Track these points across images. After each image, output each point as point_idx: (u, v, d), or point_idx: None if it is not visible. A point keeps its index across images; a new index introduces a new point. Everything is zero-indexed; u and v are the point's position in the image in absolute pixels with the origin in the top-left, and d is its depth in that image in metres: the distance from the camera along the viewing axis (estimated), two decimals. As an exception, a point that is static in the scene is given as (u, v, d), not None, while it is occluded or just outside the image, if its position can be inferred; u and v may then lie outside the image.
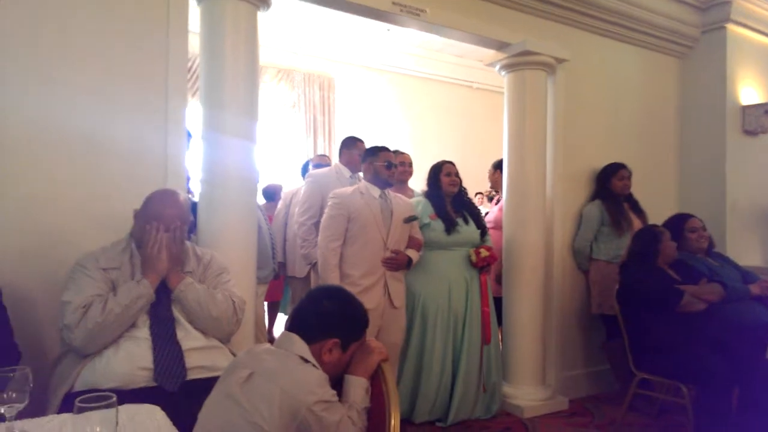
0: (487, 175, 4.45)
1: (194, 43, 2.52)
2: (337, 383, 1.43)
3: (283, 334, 1.47)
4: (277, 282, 4.43)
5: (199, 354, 1.82)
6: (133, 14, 2.33)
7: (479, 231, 3.19)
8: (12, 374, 1.24)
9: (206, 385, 1.69)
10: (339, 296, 1.51)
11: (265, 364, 1.34)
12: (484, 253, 3.08)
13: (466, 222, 3.15)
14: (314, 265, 3.33)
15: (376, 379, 1.46)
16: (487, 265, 3.13)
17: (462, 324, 3.05)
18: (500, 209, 4.05)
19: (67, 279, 1.82)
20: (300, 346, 1.40)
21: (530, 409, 3.32)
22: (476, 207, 3.38)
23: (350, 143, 3.59)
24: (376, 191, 2.85)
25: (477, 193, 7.59)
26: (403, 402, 3.01)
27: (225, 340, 1.97)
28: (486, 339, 3.13)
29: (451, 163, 3.21)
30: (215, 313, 1.88)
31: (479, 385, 3.12)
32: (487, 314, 3.12)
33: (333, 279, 2.72)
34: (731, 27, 4.21)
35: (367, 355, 1.46)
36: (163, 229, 1.85)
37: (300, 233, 3.38)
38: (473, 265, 3.10)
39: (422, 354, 3.01)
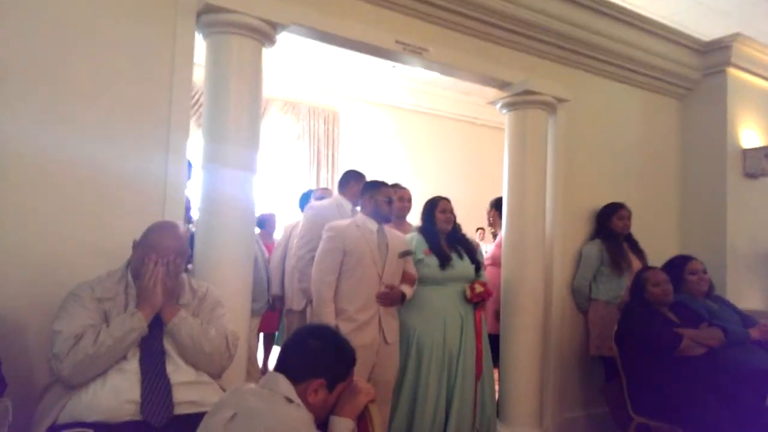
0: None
1: (198, 74, 2.55)
2: (324, 424, 1.41)
3: (269, 374, 1.45)
4: (273, 313, 4.41)
5: (188, 389, 1.79)
6: (139, 47, 2.37)
7: (474, 266, 3.17)
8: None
9: (194, 420, 1.66)
10: (325, 335, 1.50)
11: (249, 405, 1.33)
12: (478, 288, 3.05)
13: (461, 257, 3.13)
14: (312, 300, 3.30)
15: (362, 420, 1.44)
16: (481, 300, 3.10)
17: (456, 361, 3.01)
18: (497, 246, 4.06)
19: (60, 308, 1.80)
20: (285, 386, 1.38)
21: (527, 452, 3.26)
22: (470, 242, 3.36)
23: (358, 177, 3.58)
24: (373, 225, 2.85)
25: (478, 229, 7.59)
26: (397, 441, 2.95)
27: (217, 375, 1.95)
28: (477, 375, 3.08)
29: (446, 199, 3.21)
30: (208, 349, 1.86)
31: (473, 424, 3.05)
32: (480, 350, 3.08)
33: (328, 314, 2.68)
34: (731, 70, 4.26)
35: (355, 396, 1.45)
36: (161, 262, 1.84)
37: (298, 267, 3.35)
38: (468, 300, 3.07)
39: (416, 391, 2.96)
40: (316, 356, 1.44)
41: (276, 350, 5.17)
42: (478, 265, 3.20)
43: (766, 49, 4.40)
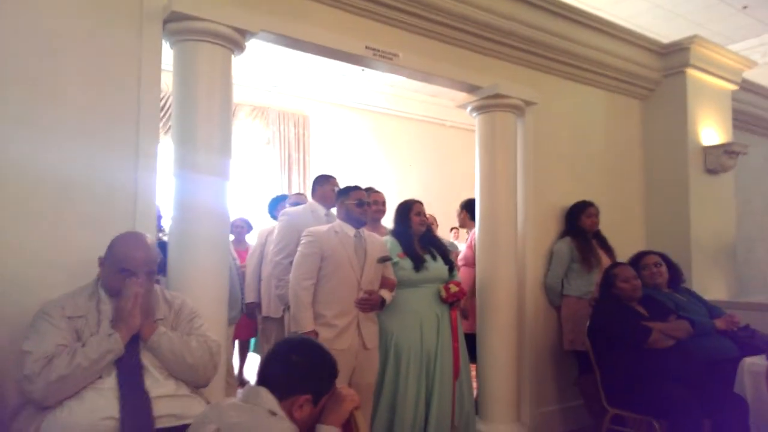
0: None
1: (166, 80, 2.51)
2: (308, 434, 1.41)
3: (249, 388, 1.44)
4: (249, 321, 4.37)
5: (169, 402, 1.76)
6: (105, 52, 2.32)
7: (447, 267, 3.20)
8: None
9: (174, 433, 1.66)
10: (308, 351, 1.49)
11: (231, 419, 1.32)
12: (453, 288, 3.09)
13: (434, 258, 3.16)
14: (289, 307, 3.28)
15: (348, 426, 1.44)
16: (457, 300, 3.14)
17: (434, 360, 3.03)
18: (469, 247, 4.10)
19: (29, 327, 1.74)
20: (268, 400, 1.37)
21: (505, 448, 3.30)
22: (442, 243, 3.40)
23: (323, 180, 3.61)
24: (351, 230, 2.85)
25: (452, 228, 7.66)
26: (377, 444, 2.96)
27: (203, 385, 1.94)
28: (455, 374, 3.11)
29: (419, 202, 3.23)
30: (190, 361, 1.84)
31: (452, 423, 3.08)
32: (457, 350, 3.11)
33: (306, 318, 2.68)
34: (690, 71, 4.40)
35: (340, 404, 1.45)
36: (139, 283, 1.79)
37: (275, 273, 3.33)
38: (443, 300, 3.10)
39: (396, 393, 2.97)
40: (301, 373, 1.43)
41: (251, 357, 5.13)
42: (451, 266, 3.23)
43: (723, 50, 4.57)
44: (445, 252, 3.25)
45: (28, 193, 2.12)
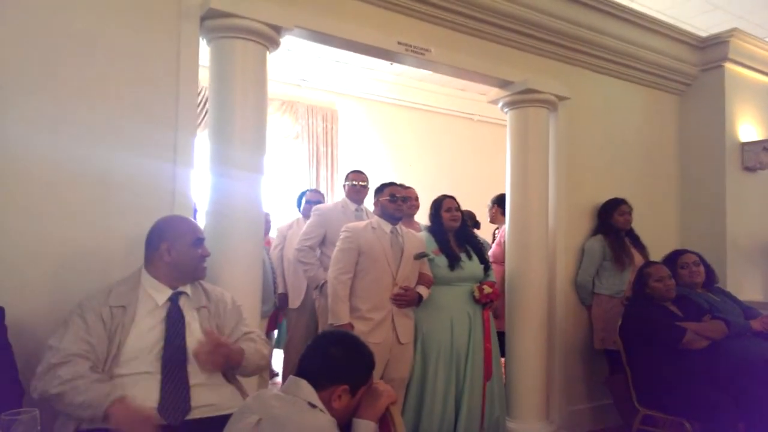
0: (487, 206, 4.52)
1: (203, 75, 2.56)
2: (345, 428, 1.44)
3: (291, 379, 1.47)
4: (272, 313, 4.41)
5: (205, 391, 1.81)
6: (145, 51, 2.37)
7: (482, 266, 3.19)
8: (19, 417, 1.24)
9: (212, 423, 1.69)
10: (345, 342, 1.53)
11: (273, 411, 1.35)
12: (487, 289, 3.07)
13: (470, 257, 3.15)
14: (321, 287, 3.35)
15: (384, 421, 1.47)
16: (490, 301, 3.13)
17: (465, 360, 3.03)
18: (498, 244, 4.09)
19: (64, 320, 1.78)
20: (308, 392, 1.41)
21: (534, 446, 3.30)
22: (479, 241, 3.39)
23: (346, 177, 3.72)
24: (387, 226, 2.90)
25: (476, 223, 7.62)
26: (406, 440, 2.97)
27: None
28: (487, 375, 3.10)
29: (451, 197, 3.22)
30: (263, 363, 2.00)
31: (482, 424, 3.08)
32: (488, 350, 3.10)
33: (342, 311, 2.73)
34: (729, 66, 4.29)
35: (376, 399, 1.48)
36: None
37: (300, 257, 3.42)
38: (476, 301, 3.09)
39: (423, 391, 2.98)
40: (339, 364, 1.47)
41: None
42: (487, 265, 3.22)
43: (763, 44, 4.44)
44: (481, 250, 3.24)
45: (71, 190, 2.19)
